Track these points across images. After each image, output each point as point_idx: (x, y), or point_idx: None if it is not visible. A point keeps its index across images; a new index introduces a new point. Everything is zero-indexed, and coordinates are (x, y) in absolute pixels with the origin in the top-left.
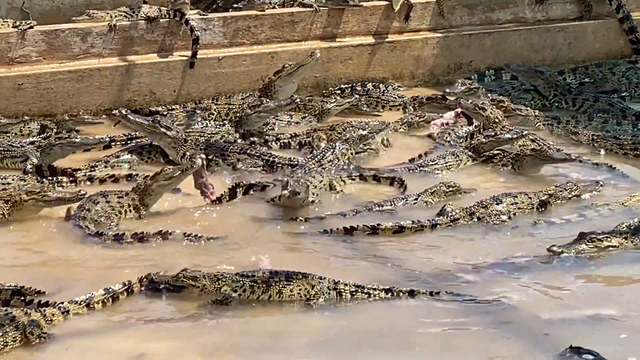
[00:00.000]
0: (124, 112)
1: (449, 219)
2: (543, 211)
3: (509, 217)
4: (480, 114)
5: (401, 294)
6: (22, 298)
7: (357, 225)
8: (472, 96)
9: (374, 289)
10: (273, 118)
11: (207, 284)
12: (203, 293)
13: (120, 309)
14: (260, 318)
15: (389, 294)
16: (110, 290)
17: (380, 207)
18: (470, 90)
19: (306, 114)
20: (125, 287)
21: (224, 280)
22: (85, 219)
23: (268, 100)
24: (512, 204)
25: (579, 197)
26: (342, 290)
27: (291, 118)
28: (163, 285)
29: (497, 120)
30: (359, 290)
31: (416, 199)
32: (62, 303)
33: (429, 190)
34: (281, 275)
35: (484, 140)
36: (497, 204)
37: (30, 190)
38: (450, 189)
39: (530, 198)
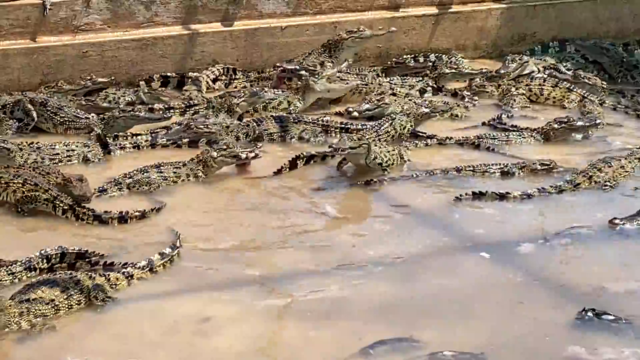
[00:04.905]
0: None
1: (571, 184)
2: None
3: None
4: None
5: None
6: (86, 261)
7: (486, 191)
8: (524, 70)
9: None
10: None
11: None
12: None
13: (182, 273)
14: (325, 284)
15: None
16: (165, 254)
17: (445, 174)
18: (522, 65)
19: None
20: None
21: None
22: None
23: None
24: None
25: None
26: None
27: None
28: None
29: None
30: None
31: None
32: (126, 267)
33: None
34: None
35: (555, 126)
36: (609, 166)
37: None
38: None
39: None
